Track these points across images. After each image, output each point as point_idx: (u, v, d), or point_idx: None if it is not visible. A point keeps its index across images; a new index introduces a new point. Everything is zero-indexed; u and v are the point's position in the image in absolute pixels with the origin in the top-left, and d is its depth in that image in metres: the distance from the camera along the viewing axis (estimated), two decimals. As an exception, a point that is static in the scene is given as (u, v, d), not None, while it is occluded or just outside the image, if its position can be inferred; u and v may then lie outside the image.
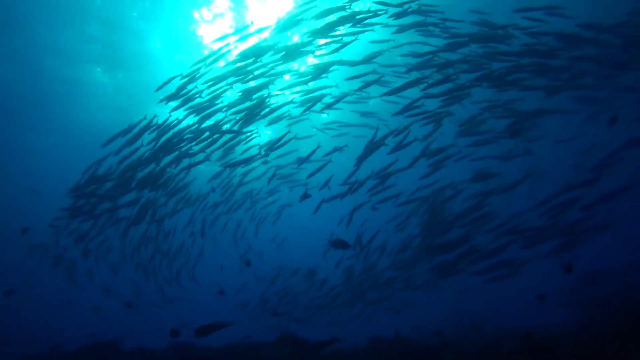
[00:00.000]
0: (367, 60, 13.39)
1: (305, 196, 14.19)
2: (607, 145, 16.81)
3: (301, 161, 14.71)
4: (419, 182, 16.21)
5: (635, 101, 17.07)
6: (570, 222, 17.29)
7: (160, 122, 14.04)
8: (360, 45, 14.36)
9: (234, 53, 13.63)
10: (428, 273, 19.54)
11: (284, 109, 15.05)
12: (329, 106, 13.83)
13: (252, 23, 15.63)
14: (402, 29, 12.90)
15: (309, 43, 12.99)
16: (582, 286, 20.45)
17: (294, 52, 13.14)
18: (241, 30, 15.09)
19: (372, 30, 13.00)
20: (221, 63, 15.35)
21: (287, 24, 12.82)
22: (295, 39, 16.90)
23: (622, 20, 13.96)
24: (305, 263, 27.65)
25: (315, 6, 12.93)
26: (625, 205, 19.95)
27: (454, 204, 16.94)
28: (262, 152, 14.58)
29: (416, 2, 12.27)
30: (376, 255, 21.35)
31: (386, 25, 12.96)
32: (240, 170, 18.02)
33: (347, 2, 12.31)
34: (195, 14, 17.24)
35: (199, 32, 17.92)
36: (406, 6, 12.32)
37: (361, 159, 13.39)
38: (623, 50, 14.72)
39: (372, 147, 13.21)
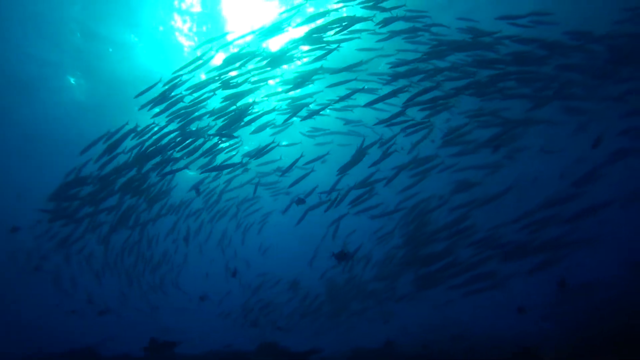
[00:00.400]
0: (349, 68, 13.26)
1: (300, 202, 14.03)
2: (593, 157, 16.77)
3: (284, 171, 14.50)
4: (402, 193, 16.11)
5: (622, 112, 16.95)
6: (554, 236, 17.19)
7: (141, 128, 13.88)
8: (348, 52, 14.25)
9: (218, 61, 13.49)
10: (411, 284, 19.39)
11: (269, 116, 14.92)
12: (310, 115, 13.65)
13: (233, 31, 15.53)
14: (389, 37, 12.83)
15: (292, 50, 12.88)
16: (569, 298, 20.37)
17: (277, 59, 13.02)
18: (224, 36, 14.96)
19: (359, 37, 12.95)
20: (204, 71, 15.18)
21: (271, 31, 12.72)
22: (279, 46, 16.78)
23: (609, 31, 13.92)
24: (289, 272, 27.46)
25: (299, 12, 12.87)
26: (612, 218, 19.95)
27: (437, 216, 16.79)
28: (243, 161, 14.42)
29: (403, 9, 12.19)
30: (361, 265, 21.17)
31: (374, 33, 12.88)
32: (223, 178, 17.84)
33: (332, 9, 12.21)
34: (176, 19, 17.21)
35: (180, 39, 17.88)
36: (394, 13, 12.20)
37: (345, 168, 13.28)
38: (609, 61, 14.67)
39: (358, 157, 13.12)
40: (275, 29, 12.62)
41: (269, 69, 13.11)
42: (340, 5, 12.64)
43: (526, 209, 16.19)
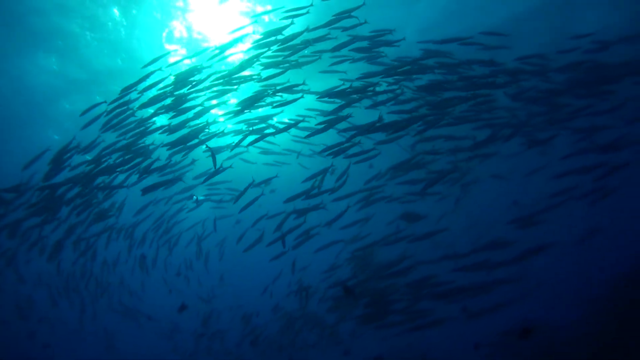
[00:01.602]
0: (290, 88, 13.03)
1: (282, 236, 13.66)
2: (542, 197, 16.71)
3: (237, 197, 14.16)
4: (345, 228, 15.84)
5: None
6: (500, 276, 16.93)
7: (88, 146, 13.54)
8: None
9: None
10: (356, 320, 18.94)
11: (228, 139, 14.67)
12: (262, 137, 13.41)
13: (176, 50, 15.41)
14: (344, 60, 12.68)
15: (247, 68, 12.67)
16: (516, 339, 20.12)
17: (229, 79, 12.80)
18: (169, 54, 14.74)
19: (319, 57, 12.79)
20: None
21: (224, 49, 12.54)
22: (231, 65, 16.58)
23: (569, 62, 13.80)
24: (241, 301, 26.99)
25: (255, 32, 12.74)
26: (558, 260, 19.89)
27: (382, 251, 16.41)
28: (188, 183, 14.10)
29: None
30: (316, 297, 20.66)
31: (333, 57, 12.74)
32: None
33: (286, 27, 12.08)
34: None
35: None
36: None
37: (293, 198, 13.06)
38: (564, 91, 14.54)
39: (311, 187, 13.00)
40: (225, 48, 12.48)
41: (220, 88, 12.91)
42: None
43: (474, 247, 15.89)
